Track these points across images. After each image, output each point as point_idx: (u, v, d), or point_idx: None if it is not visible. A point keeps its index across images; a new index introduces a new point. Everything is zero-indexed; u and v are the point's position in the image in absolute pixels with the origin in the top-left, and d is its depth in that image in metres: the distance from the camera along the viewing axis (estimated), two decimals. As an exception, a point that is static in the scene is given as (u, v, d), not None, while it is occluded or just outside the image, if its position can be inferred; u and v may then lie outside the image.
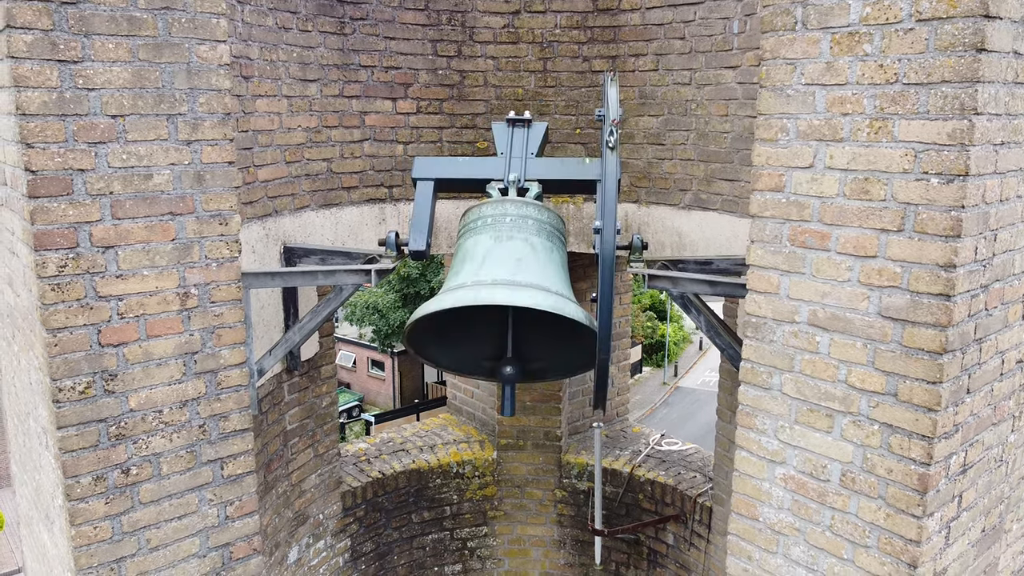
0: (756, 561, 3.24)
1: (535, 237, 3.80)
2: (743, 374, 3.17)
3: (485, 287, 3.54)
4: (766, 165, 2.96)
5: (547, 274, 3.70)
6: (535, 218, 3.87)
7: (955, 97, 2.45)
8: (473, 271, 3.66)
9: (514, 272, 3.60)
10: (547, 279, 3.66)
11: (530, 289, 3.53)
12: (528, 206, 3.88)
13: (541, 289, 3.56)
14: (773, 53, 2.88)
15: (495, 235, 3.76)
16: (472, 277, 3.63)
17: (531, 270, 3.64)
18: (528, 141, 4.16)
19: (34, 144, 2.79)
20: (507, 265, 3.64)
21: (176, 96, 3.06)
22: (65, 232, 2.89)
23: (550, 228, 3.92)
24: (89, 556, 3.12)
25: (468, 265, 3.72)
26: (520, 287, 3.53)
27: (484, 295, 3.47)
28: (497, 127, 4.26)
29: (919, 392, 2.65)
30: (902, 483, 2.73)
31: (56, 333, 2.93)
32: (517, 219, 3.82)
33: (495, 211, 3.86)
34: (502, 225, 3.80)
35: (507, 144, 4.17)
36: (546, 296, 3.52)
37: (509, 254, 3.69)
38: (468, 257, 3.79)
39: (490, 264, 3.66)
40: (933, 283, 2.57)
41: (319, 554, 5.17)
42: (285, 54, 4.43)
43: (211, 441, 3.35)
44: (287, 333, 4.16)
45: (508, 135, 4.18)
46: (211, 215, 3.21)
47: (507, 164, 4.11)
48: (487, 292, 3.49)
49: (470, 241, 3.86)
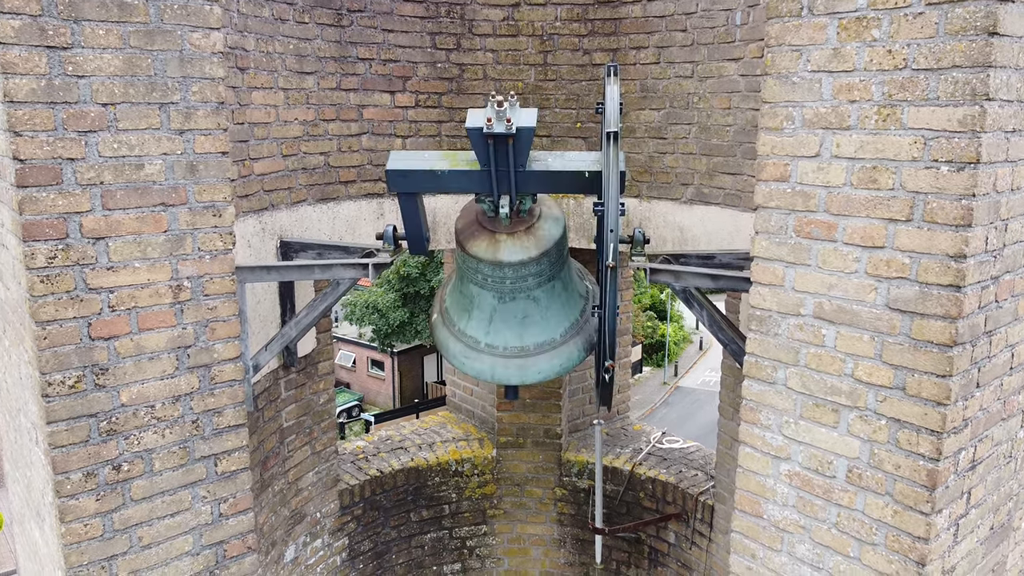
0: (760, 559, 3.18)
1: (536, 290, 3.95)
2: (747, 368, 3.11)
3: (499, 360, 4.07)
4: (771, 154, 2.90)
5: (550, 321, 4.04)
6: (534, 273, 3.85)
7: (966, 83, 2.39)
8: (483, 328, 4.08)
9: (521, 334, 4.04)
10: (551, 326, 4.06)
11: (538, 357, 4.05)
12: (525, 266, 3.79)
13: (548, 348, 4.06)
14: (778, 40, 2.82)
15: (498, 295, 3.96)
16: (483, 335, 4.08)
17: (536, 326, 4.03)
18: (513, 155, 3.46)
19: (22, 132, 2.72)
20: (514, 327, 4.03)
21: (168, 84, 2.99)
22: (54, 223, 2.83)
23: (548, 264, 3.87)
24: (80, 554, 3.06)
25: (477, 315, 4.08)
26: (530, 357, 4.05)
27: (500, 375, 4.10)
28: (473, 136, 3.40)
29: (928, 386, 2.59)
30: (910, 479, 2.67)
31: (45, 326, 2.86)
32: (516, 280, 3.88)
33: (493, 273, 3.86)
34: (503, 287, 3.92)
35: (489, 159, 3.47)
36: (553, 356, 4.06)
37: (514, 314, 4.00)
38: (476, 306, 4.07)
39: (498, 324, 4.03)
40: (943, 274, 2.51)
41: (316, 553, 5.10)
42: (281, 46, 4.37)
43: (204, 437, 3.29)
44: (283, 328, 4.10)
45: (488, 150, 3.43)
46: (204, 206, 3.14)
47: (493, 181, 3.57)
48: (501, 371, 4.08)
49: (475, 289, 4.02)
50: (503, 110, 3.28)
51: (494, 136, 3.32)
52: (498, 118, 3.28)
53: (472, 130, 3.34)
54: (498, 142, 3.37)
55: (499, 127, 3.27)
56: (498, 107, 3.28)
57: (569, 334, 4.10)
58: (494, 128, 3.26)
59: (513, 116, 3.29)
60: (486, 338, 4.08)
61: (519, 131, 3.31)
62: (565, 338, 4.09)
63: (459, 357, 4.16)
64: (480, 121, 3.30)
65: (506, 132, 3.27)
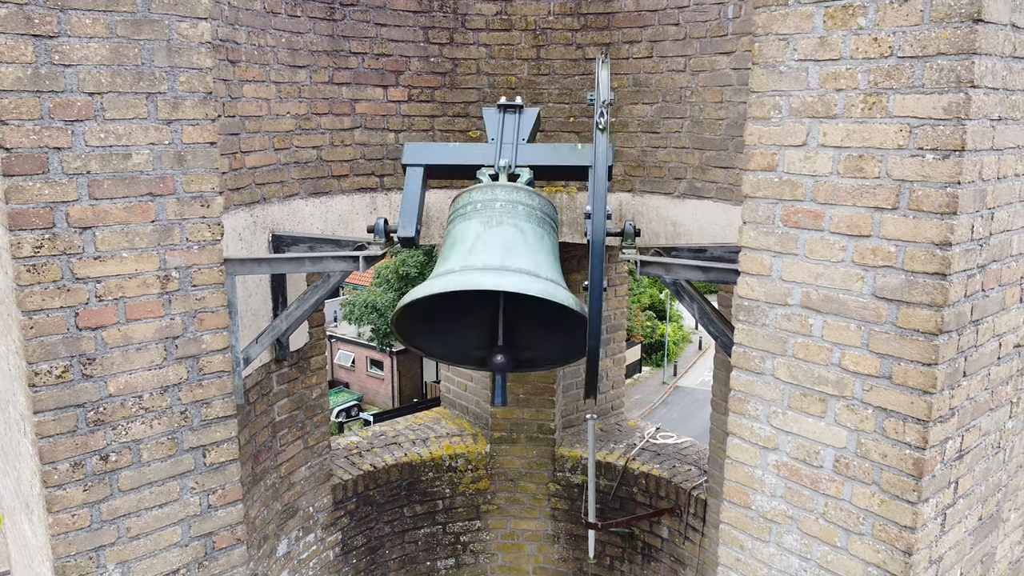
0: (749, 550, 3.17)
1: (525, 223, 3.75)
2: (735, 359, 3.10)
3: (474, 272, 3.48)
4: (758, 144, 2.90)
5: (537, 260, 3.65)
6: (525, 204, 3.80)
7: (951, 70, 2.39)
8: (462, 257, 3.61)
9: (504, 258, 3.56)
10: (537, 265, 3.61)
11: (519, 275, 3.48)
12: (518, 191, 3.81)
13: (531, 275, 3.51)
14: (765, 29, 2.82)
15: (485, 220, 3.71)
16: (461, 263, 3.58)
17: (521, 256, 3.60)
18: (520, 127, 4.07)
19: (8, 121, 2.72)
20: (497, 251, 3.59)
21: (156, 74, 2.99)
22: (41, 212, 2.82)
23: (541, 214, 3.86)
24: (67, 544, 3.05)
25: (458, 250, 3.68)
26: (510, 272, 3.48)
27: (473, 279, 3.43)
28: (488, 112, 4.16)
29: (914, 374, 2.58)
30: (897, 468, 2.66)
31: (32, 315, 2.86)
32: (507, 204, 3.76)
33: (485, 196, 3.80)
34: (492, 210, 3.75)
35: (498, 130, 4.07)
36: (535, 281, 3.47)
37: (499, 240, 3.64)
38: (458, 242, 3.74)
39: (479, 250, 3.61)
40: (928, 262, 2.51)
41: (309, 547, 5.10)
42: (273, 39, 4.37)
43: (193, 428, 3.29)
44: (274, 321, 4.10)
45: (499, 120, 4.08)
46: (192, 196, 3.14)
47: (498, 150, 4.03)
48: (476, 277, 3.45)
49: (459, 227, 3.80)
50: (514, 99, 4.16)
51: (506, 106, 4.08)
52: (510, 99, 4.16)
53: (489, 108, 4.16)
54: (508, 113, 4.08)
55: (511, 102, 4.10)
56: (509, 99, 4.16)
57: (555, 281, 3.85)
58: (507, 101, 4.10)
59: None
60: (464, 262, 3.58)
61: (526, 109, 4.11)
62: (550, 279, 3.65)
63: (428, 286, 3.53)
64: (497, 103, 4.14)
65: (517, 103, 4.09)
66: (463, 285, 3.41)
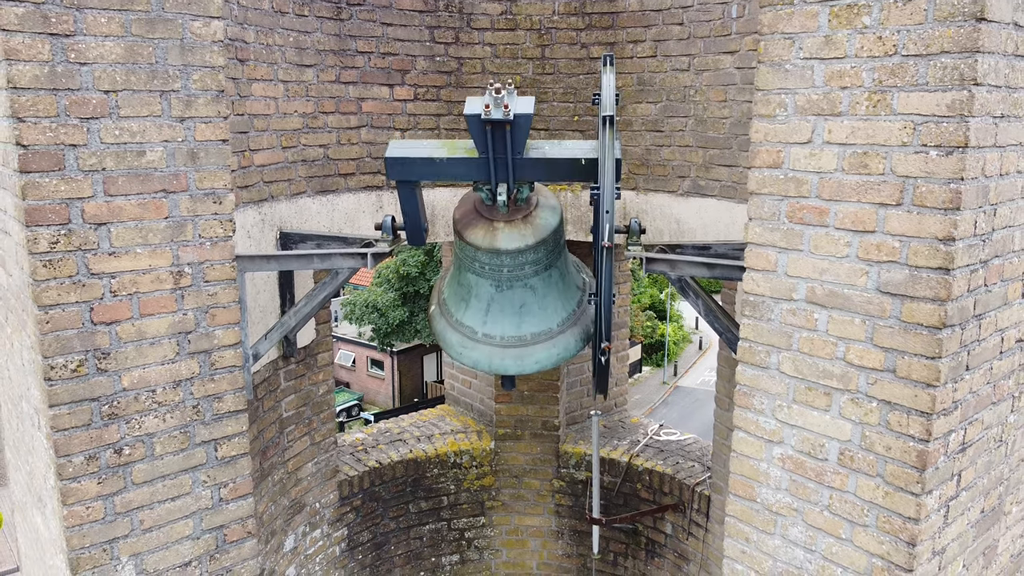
0: (754, 543, 3.21)
1: (534, 278, 3.97)
2: (741, 353, 3.14)
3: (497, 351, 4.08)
4: (764, 141, 2.94)
5: (547, 311, 4.05)
6: (531, 261, 3.87)
7: (954, 68, 2.43)
8: (480, 318, 4.09)
9: (519, 324, 4.03)
10: (549, 316, 4.07)
11: (535, 347, 4.06)
12: (522, 253, 3.82)
13: (545, 339, 4.07)
14: (771, 28, 2.86)
15: (496, 283, 3.98)
16: (480, 325, 4.09)
17: (534, 316, 4.04)
18: (511, 142, 3.54)
19: (25, 118, 2.76)
20: (511, 316, 4.03)
21: (169, 72, 3.03)
22: (57, 208, 2.87)
23: (545, 253, 3.90)
24: (81, 537, 3.10)
25: (474, 304, 4.08)
26: (527, 346, 4.05)
27: (497, 365, 4.09)
28: (471, 123, 3.50)
29: (918, 368, 2.62)
30: (901, 460, 2.70)
31: (48, 310, 2.90)
32: (513, 268, 3.90)
33: (491, 261, 3.89)
34: (500, 275, 3.95)
35: (487, 146, 3.56)
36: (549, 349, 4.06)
37: (511, 303, 4.02)
38: (473, 295, 4.07)
39: (495, 314, 4.04)
40: (932, 257, 2.55)
41: (315, 543, 5.14)
42: (281, 38, 4.41)
43: (205, 422, 3.33)
44: (283, 318, 4.14)
45: (486, 137, 3.52)
46: (205, 193, 3.18)
47: (491, 169, 3.65)
48: (499, 361, 4.09)
49: (472, 278, 4.03)
50: (500, 97, 3.33)
51: (492, 123, 3.37)
52: (496, 105, 3.33)
53: (470, 117, 3.39)
54: (496, 129, 3.42)
55: (497, 114, 3.32)
56: (495, 94, 3.32)
57: (566, 324, 4.14)
58: (492, 115, 3.31)
59: (511, 103, 3.34)
60: (483, 328, 4.10)
61: (516, 118, 3.36)
62: (563, 328, 4.12)
63: (456, 347, 4.19)
64: (478, 108, 3.36)
65: (504, 119, 3.32)
66: (489, 369, 4.15)
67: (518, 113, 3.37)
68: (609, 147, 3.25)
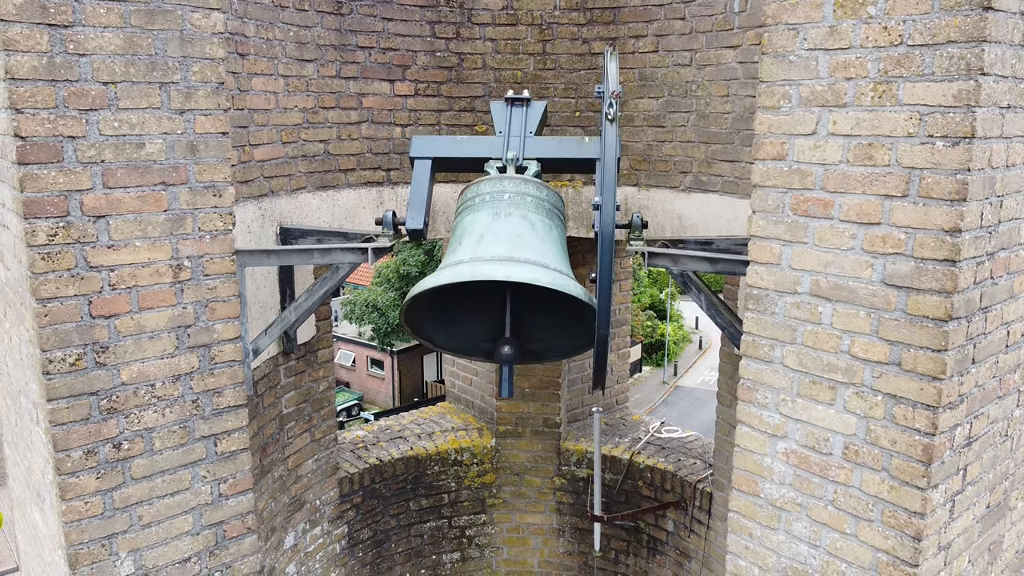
0: (757, 538, 3.19)
1: (534, 214, 3.76)
2: (744, 347, 3.12)
3: (484, 263, 3.48)
4: (768, 133, 2.92)
5: (546, 251, 3.66)
6: (534, 195, 3.82)
7: (961, 57, 2.41)
8: (471, 247, 3.62)
9: (512, 249, 3.56)
10: (546, 256, 3.62)
11: (528, 265, 3.48)
12: (526, 183, 3.84)
13: (540, 265, 3.51)
14: (775, 19, 2.84)
15: (493, 212, 3.72)
16: (470, 253, 3.58)
17: (530, 247, 3.60)
18: (527, 120, 4.10)
19: (24, 109, 2.74)
20: (505, 242, 3.60)
21: (169, 64, 3.01)
22: (55, 200, 2.84)
23: (549, 206, 3.88)
24: (80, 532, 3.07)
25: (466, 241, 3.68)
26: (519, 263, 3.48)
27: (482, 270, 3.42)
28: (495, 106, 4.20)
29: (924, 361, 2.60)
30: (906, 454, 2.68)
31: (46, 303, 2.88)
32: (515, 196, 3.78)
33: (493, 188, 3.82)
34: (500, 202, 3.76)
35: (506, 123, 4.10)
36: (544, 272, 3.47)
37: (507, 230, 3.64)
38: (466, 233, 3.74)
39: (488, 240, 3.61)
40: (938, 248, 2.53)
41: (315, 540, 5.12)
42: (281, 33, 4.38)
43: (204, 417, 3.30)
44: (283, 313, 4.11)
45: (507, 114, 4.11)
46: (204, 186, 3.16)
47: (505, 143, 4.06)
48: (485, 268, 3.44)
49: (468, 218, 3.81)
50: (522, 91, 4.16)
51: (513, 100, 4.10)
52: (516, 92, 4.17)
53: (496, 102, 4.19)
54: (516, 106, 4.10)
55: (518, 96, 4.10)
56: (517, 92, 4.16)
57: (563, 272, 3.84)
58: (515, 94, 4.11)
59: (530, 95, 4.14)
60: (473, 253, 3.59)
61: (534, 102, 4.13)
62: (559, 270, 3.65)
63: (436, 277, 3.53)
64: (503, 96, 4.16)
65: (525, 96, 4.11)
66: (472, 276, 3.40)
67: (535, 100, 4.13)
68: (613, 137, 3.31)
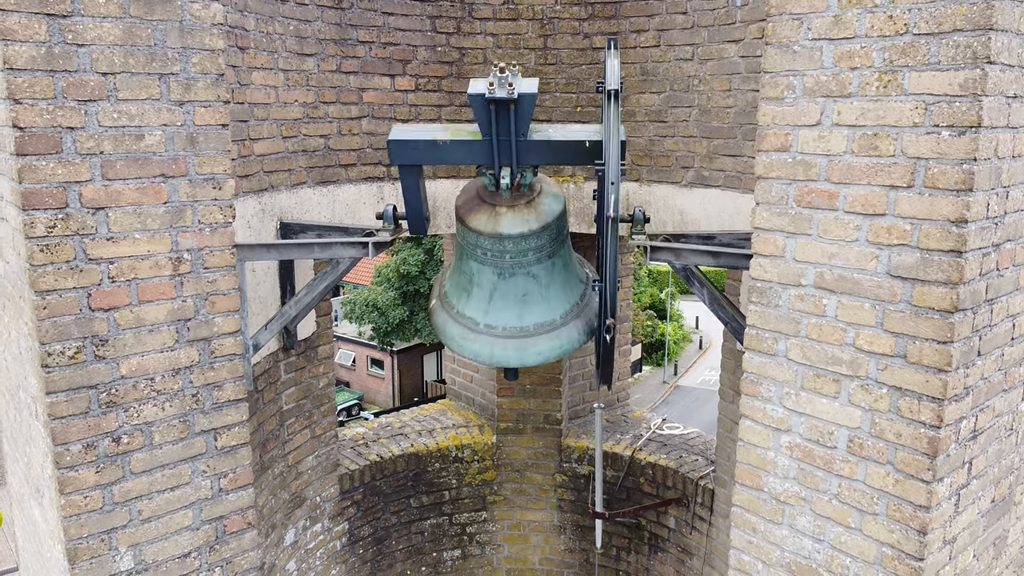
0: (761, 533, 3.17)
1: (536, 266, 3.91)
2: (748, 341, 3.10)
3: (499, 341, 3.98)
4: (772, 124, 2.89)
5: (550, 302, 3.99)
6: (534, 247, 3.82)
7: (967, 46, 2.39)
8: (482, 306, 4.02)
9: (521, 314, 3.96)
10: (551, 308, 4.01)
11: (537, 338, 3.97)
12: (525, 239, 3.77)
13: (548, 330, 3.99)
14: (779, 9, 2.82)
15: (498, 271, 3.92)
16: (482, 315, 4.02)
17: (537, 306, 3.96)
18: (515, 122, 3.50)
19: (22, 100, 2.72)
20: (513, 305, 3.96)
21: (168, 55, 2.99)
22: (54, 192, 2.82)
23: (548, 238, 3.85)
24: (79, 526, 3.05)
25: (476, 293, 4.01)
26: (529, 337, 3.97)
27: (499, 356, 3.99)
28: (475, 103, 3.45)
29: (929, 353, 2.58)
30: (911, 447, 2.66)
31: (45, 296, 2.86)
32: (516, 255, 3.84)
33: (493, 247, 3.83)
34: (503, 262, 3.89)
35: (490, 127, 3.51)
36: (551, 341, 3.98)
37: (514, 292, 3.94)
38: (475, 284, 4.01)
39: (497, 303, 3.96)
40: (944, 239, 2.50)
41: (316, 537, 5.09)
42: (282, 27, 4.36)
43: (204, 411, 3.28)
44: (283, 308, 4.09)
45: (490, 117, 3.48)
46: (204, 178, 3.14)
47: (495, 151, 3.60)
48: (500, 352, 3.98)
49: (475, 266, 3.98)
50: (505, 76, 3.30)
51: (496, 102, 3.34)
52: (500, 84, 3.30)
53: (474, 96, 3.37)
54: (500, 108, 3.40)
55: (501, 92, 3.30)
56: (500, 73, 3.30)
57: (569, 316, 4.08)
58: (496, 93, 3.29)
59: (515, 83, 3.33)
60: (485, 318, 4.04)
61: (521, 97, 3.34)
62: (565, 320, 4.06)
63: (457, 340, 4.13)
64: (482, 87, 3.34)
65: (508, 97, 3.30)
66: (491, 361, 4.05)
67: (522, 92, 3.34)
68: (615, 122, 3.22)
